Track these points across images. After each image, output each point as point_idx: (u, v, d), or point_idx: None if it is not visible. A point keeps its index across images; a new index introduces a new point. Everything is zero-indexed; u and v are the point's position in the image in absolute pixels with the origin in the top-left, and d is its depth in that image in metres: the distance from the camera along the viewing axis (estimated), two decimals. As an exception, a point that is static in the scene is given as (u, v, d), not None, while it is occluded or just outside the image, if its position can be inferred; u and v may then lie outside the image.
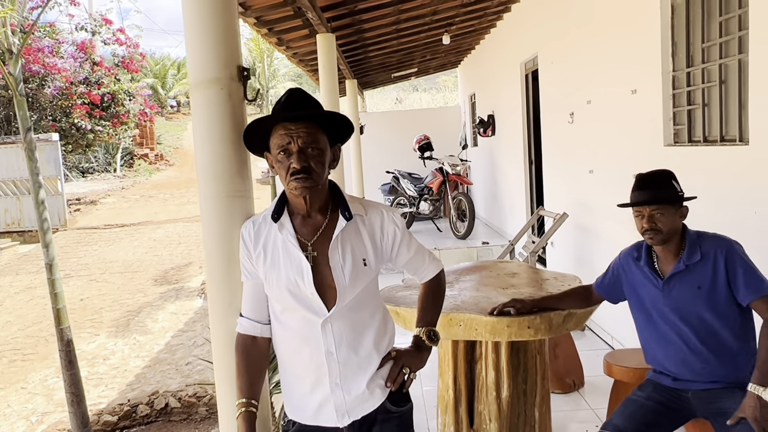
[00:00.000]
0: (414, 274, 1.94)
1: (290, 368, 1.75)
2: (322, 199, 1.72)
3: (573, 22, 5.14)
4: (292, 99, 1.67)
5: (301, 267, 1.66)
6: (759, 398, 2.03)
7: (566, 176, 5.62)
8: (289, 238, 1.68)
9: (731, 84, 3.05)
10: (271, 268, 1.69)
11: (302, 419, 1.75)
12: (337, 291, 1.66)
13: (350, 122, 1.74)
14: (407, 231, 1.86)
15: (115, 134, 17.52)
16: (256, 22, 5.12)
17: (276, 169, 1.68)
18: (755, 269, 2.17)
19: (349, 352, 1.69)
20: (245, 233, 1.74)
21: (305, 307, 1.67)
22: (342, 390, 1.69)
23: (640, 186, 2.29)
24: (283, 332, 1.73)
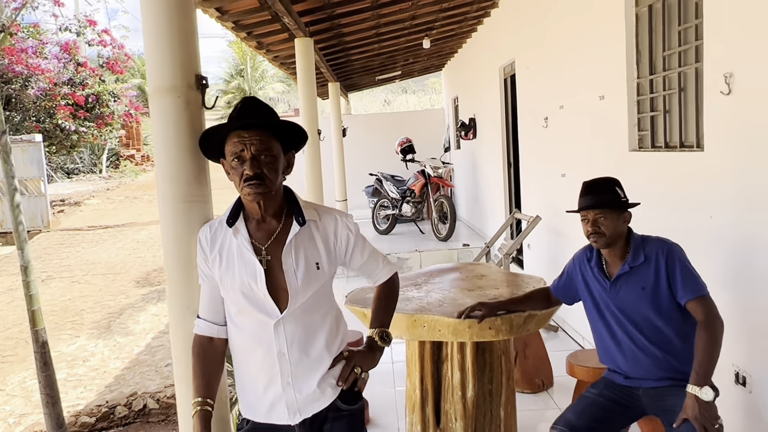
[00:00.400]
0: (368, 278, 2.00)
1: (244, 368, 1.80)
2: (276, 205, 1.77)
3: (547, 28, 5.23)
4: (247, 108, 1.72)
5: (254, 270, 1.71)
6: (697, 398, 2.11)
7: (541, 179, 5.71)
8: (244, 242, 1.73)
9: (689, 91, 3.14)
10: (227, 271, 1.74)
11: (256, 417, 1.80)
12: (289, 294, 1.72)
13: (303, 131, 1.80)
14: (361, 236, 1.92)
15: (99, 135, 17.46)
16: (234, 26, 5.16)
17: (231, 176, 1.74)
18: (693, 271, 2.27)
19: (300, 353, 1.75)
20: (202, 237, 1.79)
21: (258, 309, 1.72)
22: (293, 389, 1.75)
23: (585, 192, 2.39)
24: (238, 334, 1.78)
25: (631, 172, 3.69)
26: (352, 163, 11.71)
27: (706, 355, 2.18)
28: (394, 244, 9.17)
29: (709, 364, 2.17)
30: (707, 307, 2.24)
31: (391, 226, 10.18)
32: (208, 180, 1.95)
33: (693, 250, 2.90)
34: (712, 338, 2.20)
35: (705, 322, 2.22)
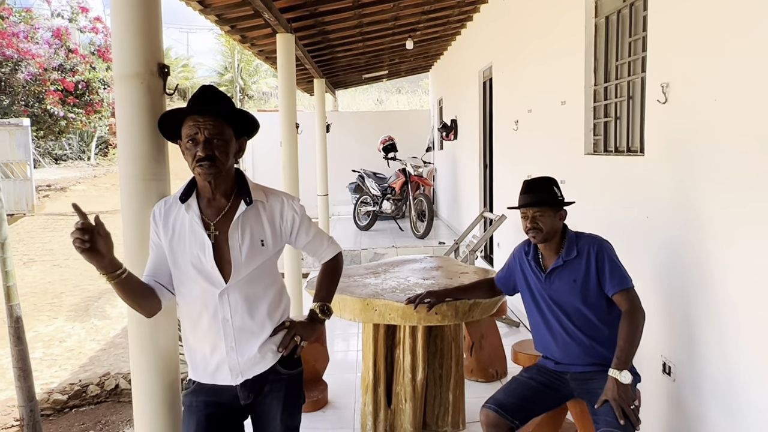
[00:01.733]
0: (313, 256, 2.17)
1: (192, 334, 1.96)
2: (226, 185, 1.94)
3: (521, 34, 5.42)
4: (203, 95, 1.88)
5: (203, 243, 1.88)
6: (616, 381, 2.30)
7: (511, 180, 5.90)
8: (195, 217, 1.90)
9: (636, 99, 3.34)
10: (178, 243, 1.90)
11: (202, 378, 1.97)
12: (232, 266, 1.89)
13: (255, 119, 1.97)
14: (307, 217, 2.09)
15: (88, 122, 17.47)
16: (217, 19, 5.30)
17: (185, 155, 1.90)
18: (620, 266, 2.47)
19: (243, 320, 1.92)
20: (156, 211, 1.95)
21: (205, 278, 1.89)
22: (236, 353, 1.92)
23: (525, 191, 2.58)
24: (186, 302, 1.95)
25: (585, 174, 3.89)
26: (338, 159, 11.88)
27: (627, 342, 2.37)
28: (373, 240, 9.36)
29: (629, 351, 2.37)
30: (631, 298, 2.44)
31: (371, 222, 10.36)
32: (167, 160, 2.12)
33: (631, 247, 3.11)
34: (634, 327, 2.39)
35: (628, 312, 2.42)
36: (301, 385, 2.07)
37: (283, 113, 5.56)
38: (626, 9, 3.43)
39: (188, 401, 1.98)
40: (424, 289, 3.18)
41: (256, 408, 2.00)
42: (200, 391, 1.97)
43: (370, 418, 3.41)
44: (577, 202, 3.87)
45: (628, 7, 3.40)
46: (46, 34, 15.57)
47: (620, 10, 3.50)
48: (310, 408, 3.77)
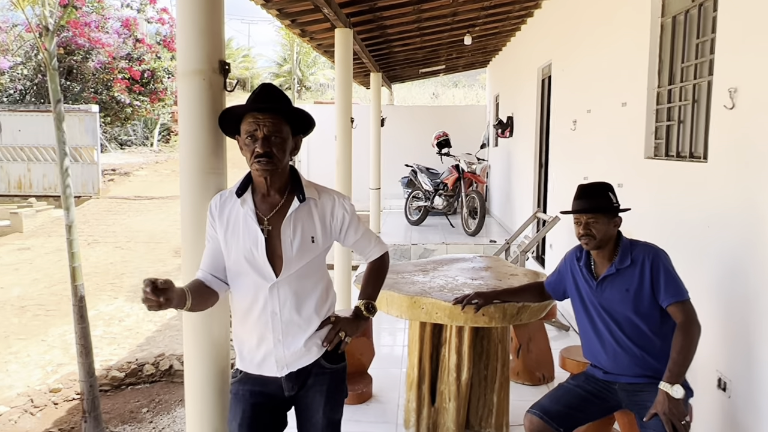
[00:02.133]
0: (361, 254, 2.20)
1: (241, 325, 2.02)
2: (281, 181, 1.98)
3: (582, 32, 5.30)
4: (263, 93, 1.93)
5: (256, 238, 1.93)
6: (667, 395, 2.24)
7: (566, 181, 5.79)
8: (249, 212, 1.95)
9: (701, 103, 3.22)
10: (232, 236, 1.96)
11: (249, 369, 2.02)
12: (283, 261, 1.93)
13: (311, 118, 2.00)
14: (356, 216, 2.12)
15: (152, 110, 18.12)
16: (278, 13, 5.40)
17: (243, 151, 1.95)
18: (676, 277, 2.39)
19: (291, 314, 1.97)
20: (213, 204, 2.01)
21: (257, 272, 1.94)
22: (283, 345, 1.97)
23: (579, 196, 2.52)
24: (238, 293, 2.00)
25: (644, 179, 3.79)
26: (391, 153, 11.91)
27: (680, 355, 2.30)
28: (423, 235, 9.35)
29: (682, 364, 2.30)
30: (686, 311, 2.36)
31: (422, 217, 10.35)
32: (225, 154, 2.18)
33: (689, 256, 3.01)
34: (688, 341, 2.32)
35: (683, 325, 2.34)
36: (344, 379, 2.10)
37: (338, 108, 5.62)
38: (695, 9, 3.30)
39: (235, 389, 2.04)
40: (472, 289, 3.17)
41: (300, 400, 2.05)
42: (247, 381, 2.03)
43: (413, 414, 3.43)
44: (634, 208, 3.78)
45: (696, 8, 3.28)
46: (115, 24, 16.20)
47: (688, 10, 3.37)
48: (354, 401, 3.82)
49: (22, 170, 15.77)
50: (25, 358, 6.51)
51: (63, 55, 15.64)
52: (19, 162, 15.78)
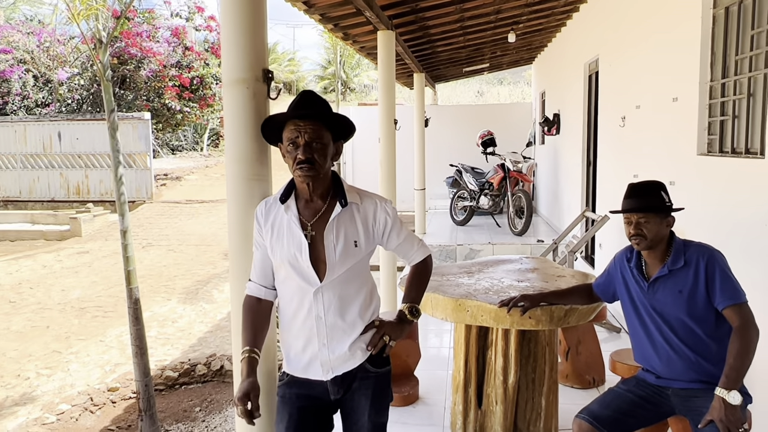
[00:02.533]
0: (404, 258, 2.20)
1: (288, 329, 2.05)
2: (323, 187, 2.00)
3: (629, 26, 5.16)
4: (304, 100, 1.96)
5: (300, 243, 1.96)
6: (724, 401, 2.16)
7: (615, 179, 5.65)
8: (293, 218, 1.98)
9: (758, 97, 3.09)
10: (277, 242, 1.99)
11: (295, 372, 2.05)
12: (327, 266, 1.96)
13: (351, 123, 2.02)
14: (399, 220, 2.13)
15: (202, 115, 18.59)
16: (321, 18, 5.46)
17: (285, 158, 1.98)
18: (733, 278, 2.29)
19: (335, 318, 1.98)
20: (258, 211, 2.05)
21: (301, 277, 1.97)
22: (328, 349, 1.99)
23: (630, 195, 2.45)
24: (284, 298, 2.04)
25: (697, 177, 3.66)
26: (435, 153, 11.88)
27: (738, 360, 2.21)
28: (469, 236, 9.29)
29: (740, 370, 2.21)
30: (744, 314, 2.27)
31: (468, 217, 10.28)
32: (270, 161, 2.22)
33: (746, 256, 2.90)
34: (746, 345, 2.23)
35: (740, 328, 2.25)
36: (389, 383, 2.11)
37: (382, 110, 5.64)
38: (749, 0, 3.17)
39: (282, 392, 2.07)
40: (518, 291, 3.13)
41: (345, 404, 2.07)
42: (293, 384, 2.05)
43: (459, 417, 3.42)
44: (687, 207, 3.65)
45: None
46: (165, 33, 16.70)
47: (742, 0, 3.24)
48: (400, 403, 3.82)
49: (80, 177, 16.44)
50: (84, 357, 6.78)
51: (116, 65, 16.24)
52: (77, 169, 16.45)
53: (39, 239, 13.42)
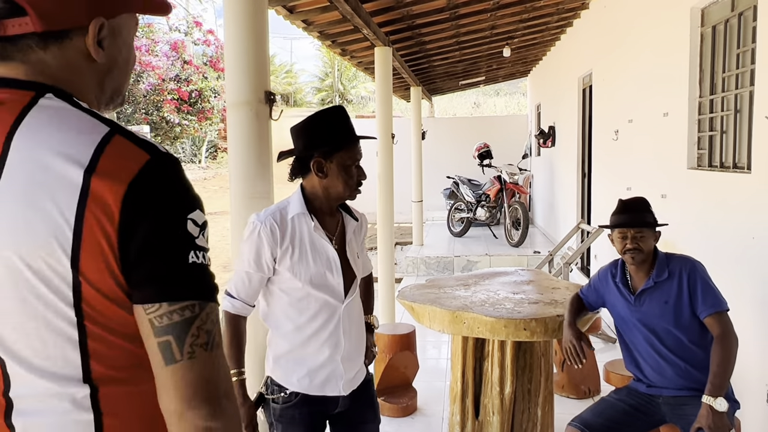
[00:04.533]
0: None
1: (304, 345, 1.95)
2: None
3: (622, 41, 5.28)
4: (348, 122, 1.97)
5: (330, 258, 1.94)
6: (711, 408, 2.23)
7: (609, 191, 5.74)
8: (320, 232, 1.95)
9: (744, 114, 3.19)
10: (299, 260, 1.90)
11: (309, 390, 1.96)
12: (351, 280, 2.01)
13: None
14: None
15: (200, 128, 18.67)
16: (319, 35, 5.57)
17: (335, 174, 1.91)
18: (714, 288, 2.39)
19: (353, 331, 2.02)
20: (270, 230, 1.87)
21: (330, 294, 1.94)
22: (349, 363, 2.01)
23: (623, 210, 2.53)
24: (303, 315, 1.94)
25: (687, 190, 3.75)
26: (432, 165, 11.98)
27: (721, 368, 2.30)
28: (466, 247, 9.37)
29: (723, 377, 2.29)
30: (723, 323, 2.36)
31: (465, 228, 10.36)
32: (272, 180, 2.30)
33: (734, 268, 2.99)
34: (727, 353, 2.31)
35: (720, 337, 2.34)
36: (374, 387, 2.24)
37: (379, 124, 5.74)
38: (734, 19, 3.28)
39: (290, 414, 1.97)
40: (513, 303, 3.21)
41: (350, 414, 2.08)
42: (305, 403, 1.97)
43: (457, 427, 3.48)
44: (679, 219, 3.75)
45: (736, 17, 3.26)
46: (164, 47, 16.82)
47: (728, 19, 3.35)
48: (399, 413, 3.88)
49: (79, 190, 16.45)
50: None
51: (116, 79, 16.27)
52: (76, 182, 16.46)
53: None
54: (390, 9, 5.27)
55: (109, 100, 0.98)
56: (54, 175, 0.79)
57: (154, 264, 0.81)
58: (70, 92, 0.88)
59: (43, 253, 0.79)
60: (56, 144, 0.81)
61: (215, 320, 0.84)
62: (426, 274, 8.39)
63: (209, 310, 0.83)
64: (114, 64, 0.94)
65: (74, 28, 0.87)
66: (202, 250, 0.85)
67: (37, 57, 0.86)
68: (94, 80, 0.92)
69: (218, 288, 0.87)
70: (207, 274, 0.85)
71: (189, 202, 0.86)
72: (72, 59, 0.88)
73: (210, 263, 0.86)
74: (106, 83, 0.95)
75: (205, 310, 0.83)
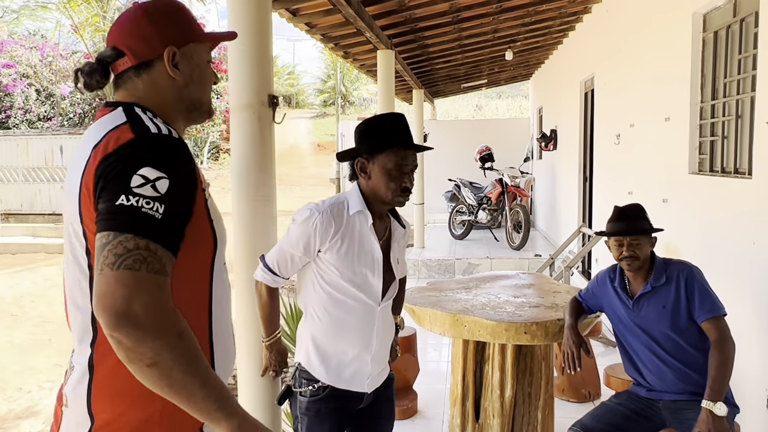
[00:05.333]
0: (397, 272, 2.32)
1: (336, 339, 2.01)
2: None
3: (624, 46, 5.29)
4: (406, 129, 2.00)
5: (374, 259, 1.99)
6: (710, 413, 2.24)
7: (611, 196, 5.74)
8: (374, 232, 2.00)
9: (745, 119, 3.20)
10: (345, 256, 1.94)
11: (337, 384, 2.02)
12: (389, 284, 2.06)
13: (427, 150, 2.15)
14: None
15: (202, 129, 18.72)
16: (322, 38, 5.59)
17: (377, 176, 1.95)
18: (711, 293, 2.41)
19: (384, 333, 2.08)
20: (327, 219, 1.90)
21: (368, 295, 1.99)
22: (376, 362, 2.06)
23: (619, 218, 2.55)
24: (341, 309, 1.98)
25: (688, 194, 3.76)
26: (434, 167, 11.99)
27: (719, 373, 2.31)
28: (467, 250, 9.37)
29: (722, 381, 2.30)
30: (720, 327, 2.37)
31: (466, 231, 10.37)
32: (274, 183, 2.32)
33: (734, 272, 2.99)
34: (725, 357, 2.32)
35: (717, 341, 2.35)
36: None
37: (381, 127, 5.76)
38: (736, 24, 3.29)
39: (317, 407, 2.02)
40: (514, 307, 3.22)
41: (372, 410, 2.14)
42: (332, 397, 2.02)
43: (457, 430, 3.48)
44: (679, 224, 3.76)
45: (738, 23, 3.27)
46: (167, 49, 16.86)
47: (730, 25, 3.36)
48: (400, 416, 3.88)
49: (81, 190, 16.50)
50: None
51: (119, 80, 16.32)
52: (78, 182, 16.52)
53: (40, 252, 13.47)
54: (393, 12, 5.29)
55: (190, 109, 1.27)
56: (83, 156, 1.10)
57: (101, 205, 1.04)
58: (151, 106, 1.19)
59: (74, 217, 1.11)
60: (92, 135, 1.12)
61: (130, 247, 1.00)
62: (427, 276, 8.40)
63: (122, 239, 1.00)
64: (189, 80, 1.24)
65: (155, 58, 1.20)
66: (138, 196, 1.02)
67: (133, 84, 1.20)
68: (174, 94, 1.23)
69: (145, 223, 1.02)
70: (132, 213, 1.02)
71: (142, 161, 1.04)
72: (156, 80, 1.21)
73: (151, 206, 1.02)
74: (184, 95, 1.24)
75: (117, 238, 1.00)
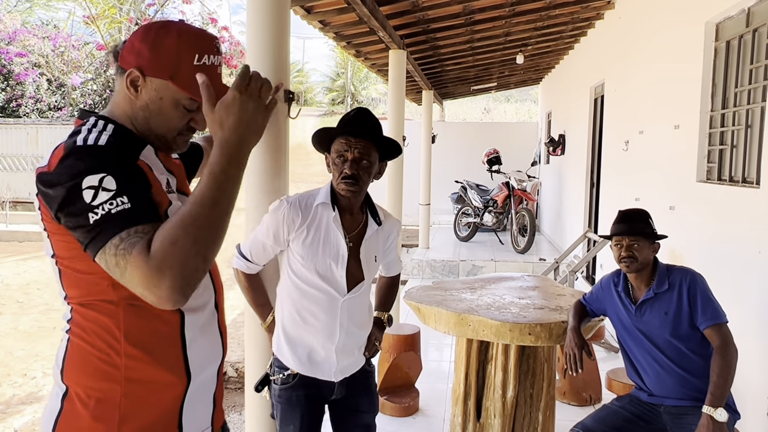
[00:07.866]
0: (385, 269, 2.37)
1: (301, 327, 2.07)
2: (360, 202, 2.11)
3: (634, 53, 5.30)
4: (358, 117, 2.03)
5: (339, 253, 2.03)
6: (711, 418, 2.26)
7: (618, 202, 5.75)
8: (338, 225, 2.04)
9: (755, 129, 3.22)
10: (310, 246, 2.00)
11: (304, 371, 2.08)
12: (358, 278, 2.08)
13: (399, 146, 2.12)
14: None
15: (211, 124, 18.77)
16: (335, 36, 5.62)
17: (330, 168, 2.04)
18: (713, 300, 2.43)
19: (351, 326, 2.10)
20: (293, 210, 2.00)
21: (332, 286, 2.04)
22: (342, 354, 2.10)
23: (621, 220, 2.60)
24: (306, 299, 2.05)
25: (696, 202, 3.78)
26: (441, 169, 12.02)
27: (720, 379, 2.33)
28: (472, 252, 9.39)
29: (723, 387, 2.32)
30: (723, 334, 2.39)
31: (471, 233, 10.39)
32: (287, 177, 2.35)
33: (739, 281, 3.01)
34: (726, 364, 2.35)
35: (720, 348, 2.37)
36: (375, 380, 2.31)
37: (391, 127, 5.78)
38: (749, 34, 3.30)
39: (287, 395, 2.09)
40: (519, 308, 3.24)
41: (345, 402, 2.18)
42: (301, 385, 2.09)
43: (458, 429, 3.51)
44: (686, 231, 3.78)
45: (750, 33, 3.28)
46: (179, 42, 16.92)
47: (742, 35, 3.38)
48: (401, 413, 3.92)
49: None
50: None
51: (130, 71, 16.39)
52: (86, 172, 16.59)
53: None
54: (406, 12, 5.32)
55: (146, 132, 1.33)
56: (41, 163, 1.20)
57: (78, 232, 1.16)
58: (120, 110, 1.31)
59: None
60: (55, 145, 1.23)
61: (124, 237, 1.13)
62: (431, 277, 8.43)
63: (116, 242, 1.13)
64: (144, 107, 1.31)
65: (126, 69, 1.28)
66: (100, 206, 1.12)
67: (119, 81, 1.31)
68: (131, 111, 1.31)
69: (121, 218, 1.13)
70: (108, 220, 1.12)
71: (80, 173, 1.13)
72: (122, 89, 1.30)
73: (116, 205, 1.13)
74: (138, 116, 1.31)
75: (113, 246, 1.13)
